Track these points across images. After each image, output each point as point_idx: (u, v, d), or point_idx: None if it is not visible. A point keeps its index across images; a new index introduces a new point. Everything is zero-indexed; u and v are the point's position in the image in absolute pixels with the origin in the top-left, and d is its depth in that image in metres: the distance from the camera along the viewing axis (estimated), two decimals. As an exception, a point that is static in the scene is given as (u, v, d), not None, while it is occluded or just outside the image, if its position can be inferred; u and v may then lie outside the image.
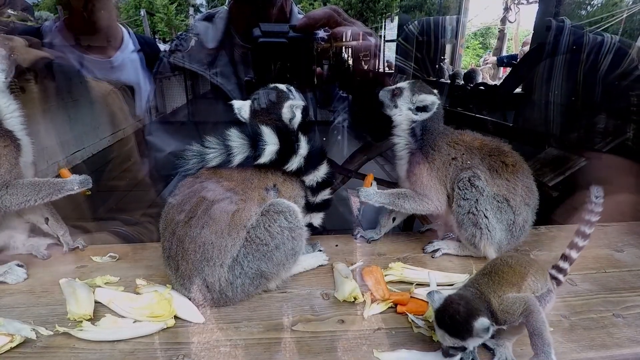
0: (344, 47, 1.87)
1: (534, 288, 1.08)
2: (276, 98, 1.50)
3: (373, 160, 2.52)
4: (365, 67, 1.89)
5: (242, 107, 1.49)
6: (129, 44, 2.02)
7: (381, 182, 2.11)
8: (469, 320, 0.95)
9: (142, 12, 4.09)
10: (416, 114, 1.51)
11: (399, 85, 1.54)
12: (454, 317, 0.97)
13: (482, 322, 0.94)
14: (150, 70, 2.02)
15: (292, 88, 1.51)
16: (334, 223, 1.81)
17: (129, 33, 2.06)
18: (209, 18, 1.91)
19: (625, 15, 3.55)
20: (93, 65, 1.93)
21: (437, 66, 4.54)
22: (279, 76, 1.79)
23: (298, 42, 1.70)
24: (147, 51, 2.08)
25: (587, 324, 1.19)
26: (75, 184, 1.39)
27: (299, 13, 1.93)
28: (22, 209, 1.34)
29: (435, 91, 1.55)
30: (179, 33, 2.26)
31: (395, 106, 1.54)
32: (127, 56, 2.00)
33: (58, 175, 1.43)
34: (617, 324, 1.19)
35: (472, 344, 0.98)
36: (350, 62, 1.93)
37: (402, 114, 1.53)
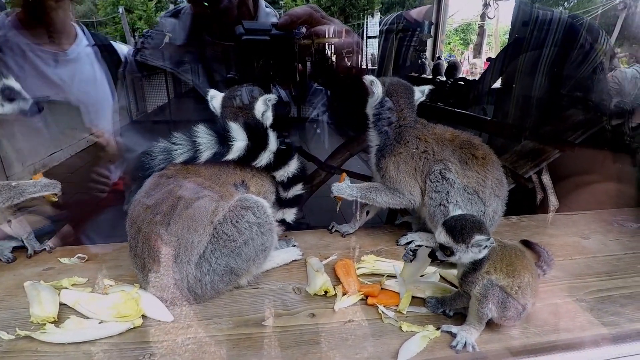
0: (325, 44, 1.88)
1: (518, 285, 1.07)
2: (249, 93, 1.49)
3: (356, 156, 2.53)
4: (346, 63, 1.90)
5: (215, 97, 1.49)
6: (83, 39, 1.98)
7: (359, 177, 2.13)
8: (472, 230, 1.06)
9: (121, 9, 3.99)
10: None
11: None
12: (459, 221, 1.09)
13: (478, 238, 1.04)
14: (106, 63, 1.98)
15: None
16: (322, 219, 1.81)
17: (82, 30, 2.02)
18: (175, 14, 1.87)
19: (600, 12, 3.64)
20: (48, 57, 1.87)
21: (419, 62, 4.57)
22: (262, 73, 1.78)
23: (280, 40, 1.70)
24: (101, 47, 2.04)
25: (552, 309, 1.22)
26: (39, 186, 1.35)
27: (266, 7, 1.91)
28: None
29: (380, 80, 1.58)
30: (144, 30, 2.21)
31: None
32: (82, 50, 1.96)
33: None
34: (580, 308, 1.23)
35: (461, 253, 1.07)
36: (331, 58, 1.93)
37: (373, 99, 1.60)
